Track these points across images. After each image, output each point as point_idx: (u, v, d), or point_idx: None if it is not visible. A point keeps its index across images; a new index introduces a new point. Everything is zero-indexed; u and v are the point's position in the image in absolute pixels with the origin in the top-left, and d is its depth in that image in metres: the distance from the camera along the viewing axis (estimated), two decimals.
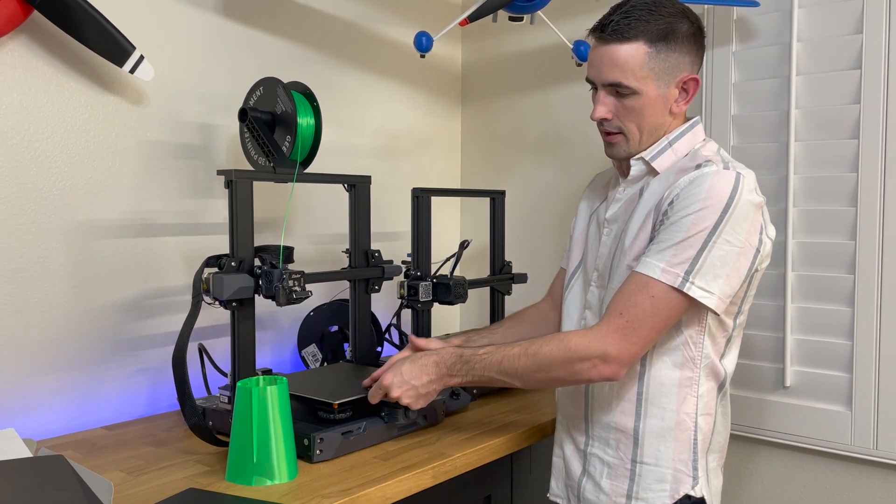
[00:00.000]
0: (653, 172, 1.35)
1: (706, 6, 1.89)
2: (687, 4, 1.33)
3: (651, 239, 1.26)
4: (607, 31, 1.28)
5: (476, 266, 2.31)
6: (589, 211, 1.50)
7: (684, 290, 1.20)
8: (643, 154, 1.34)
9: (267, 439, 1.23)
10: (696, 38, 1.32)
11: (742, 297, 1.32)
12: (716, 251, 1.20)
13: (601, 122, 1.34)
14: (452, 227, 2.43)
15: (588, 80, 1.35)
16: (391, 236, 2.13)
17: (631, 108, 1.30)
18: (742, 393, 1.88)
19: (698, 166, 1.27)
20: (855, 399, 1.72)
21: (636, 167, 1.36)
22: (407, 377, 1.32)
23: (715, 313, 1.25)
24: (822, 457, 1.79)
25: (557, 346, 1.24)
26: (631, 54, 1.27)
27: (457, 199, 2.45)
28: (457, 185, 2.44)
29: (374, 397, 1.37)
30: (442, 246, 2.04)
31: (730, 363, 1.37)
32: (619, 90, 1.29)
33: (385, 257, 1.72)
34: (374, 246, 1.69)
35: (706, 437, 1.32)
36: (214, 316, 1.72)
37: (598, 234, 1.42)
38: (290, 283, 1.40)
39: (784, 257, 1.80)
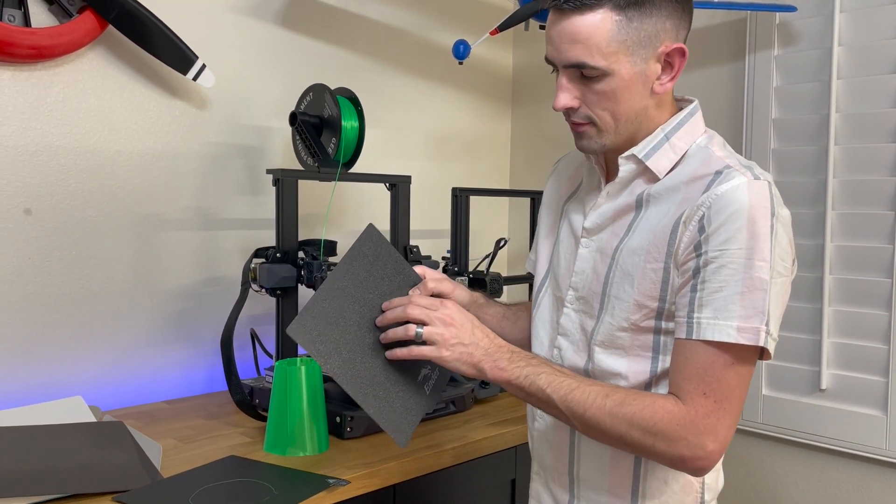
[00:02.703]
0: (647, 174, 1.08)
1: (748, 12, 1.91)
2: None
3: (690, 277, 1.00)
4: None
5: (520, 264, 2.39)
6: (556, 205, 1.25)
7: (767, 347, 0.97)
8: (634, 150, 1.07)
9: (300, 414, 1.35)
10: None
11: None
12: (775, 288, 0.98)
13: (566, 112, 1.08)
14: (500, 226, 2.52)
15: (547, 61, 1.07)
16: (438, 234, 2.24)
17: (602, 93, 1.03)
18: (777, 395, 1.89)
19: (718, 173, 1.02)
20: (891, 403, 1.71)
21: (625, 167, 1.09)
22: (458, 327, 1.04)
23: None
24: (856, 460, 1.78)
25: (644, 409, 0.98)
26: (595, 26, 1.00)
27: (505, 200, 2.53)
28: (505, 186, 2.52)
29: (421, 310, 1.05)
30: (488, 244, 2.13)
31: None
32: (584, 72, 1.02)
33: (431, 254, 1.82)
34: (421, 243, 1.80)
35: (713, 492, 1.12)
36: (268, 304, 1.86)
37: (573, 243, 1.16)
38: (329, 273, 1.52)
39: (822, 260, 1.80)
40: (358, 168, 1.74)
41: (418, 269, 1.18)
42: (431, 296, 1.15)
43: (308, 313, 1.03)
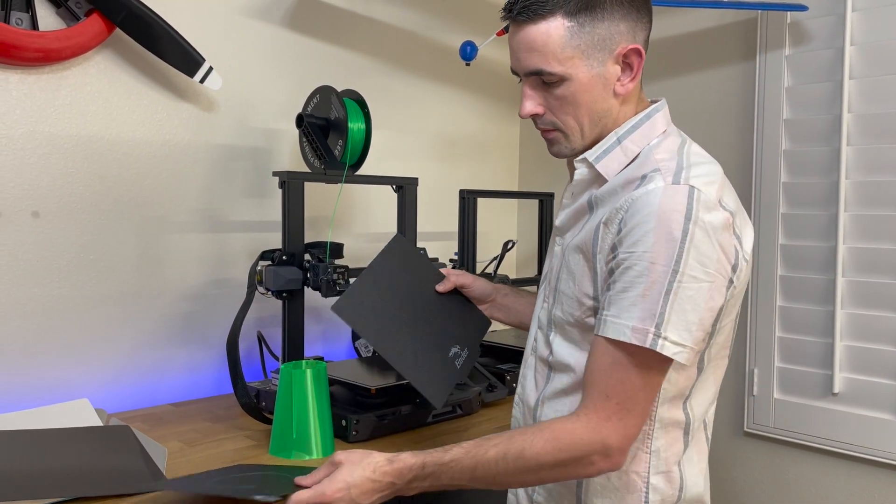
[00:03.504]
0: (601, 178, 1.11)
1: (759, 11, 1.89)
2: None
3: (607, 276, 1.05)
4: (515, 9, 1.06)
5: (528, 266, 2.37)
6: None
7: (657, 350, 0.97)
8: (587, 154, 1.11)
9: (305, 417, 1.34)
10: None
11: (714, 330, 1.07)
12: (682, 293, 0.98)
13: (533, 119, 1.13)
14: (508, 228, 2.51)
15: (513, 72, 1.13)
16: (445, 236, 2.23)
17: (562, 98, 1.07)
18: (789, 398, 1.87)
19: (644, 177, 1.04)
20: None
21: (579, 170, 1.13)
22: (354, 493, 1.02)
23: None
24: (869, 465, 1.76)
25: (545, 445, 1.00)
26: (548, 34, 1.04)
27: (514, 202, 2.52)
28: (514, 188, 2.51)
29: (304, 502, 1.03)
30: (496, 246, 2.12)
31: (700, 402, 1.13)
32: (543, 78, 1.07)
33: (440, 256, 1.81)
34: (428, 245, 1.79)
35: (667, 499, 1.10)
36: (275, 306, 1.86)
37: (554, 241, 1.23)
38: (335, 276, 1.52)
39: (834, 263, 1.78)
40: (365, 170, 1.73)
41: (443, 270, 1.39)
42: (455, 289, 1.39)
43: (349, 295, 1.24)
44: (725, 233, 1.02)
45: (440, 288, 1.38)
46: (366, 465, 1.04)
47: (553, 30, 1.04)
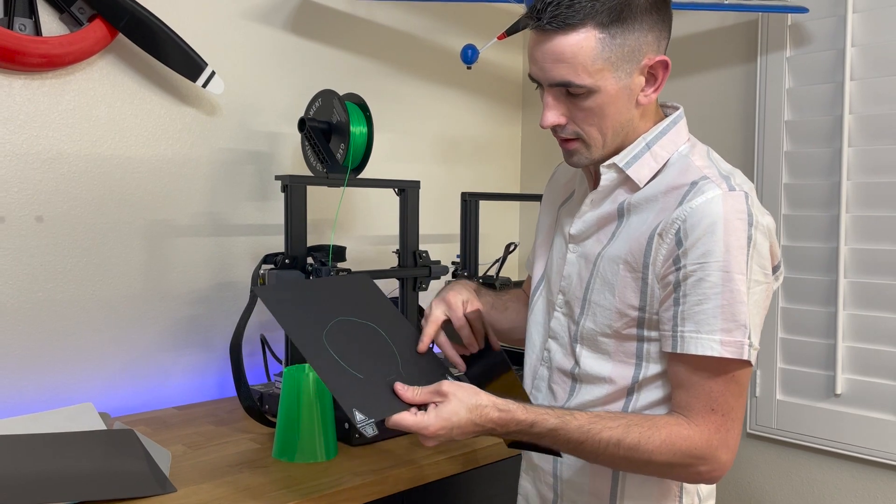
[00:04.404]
0: (629, 183, 1.09)
1: (759, 13, 1.89)
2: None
3: (669, 290, 1.02)
4: (545, 19, 1.01)
5: None
6: (553, 209, 1.28)
7: (750, 359, 0.99)
8: (615, 160, 1.09)
9: (308, 421, 1.35)
10: (656, 8, 1.04)
11: None
12: (753, 297, 1.00)
13: (554, 129, 1.09)
14: (510, 230, 2.51)
15: (532, 78, 1.08)
16: (447, 238, 2.23)
17: (589, 110, 1.04)
18: (792, 400, 1.87)
19: (693, 184, 1.03)
20: None
21: (607, 176, 1.10)
22: (455, 433, 0.99)
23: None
24: (872, 466, 1.76)
25: (661, 445, 0.99)
26: (579, 45, 1.00)
27: (516, 204, 2.52)
28: (516, 190, 2.52)
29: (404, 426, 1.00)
30: (498, 249, 2.12)
31: None
32: (570, 90, 1.03)
33: (441, 259, 1.81)
34: (430, 248, 1.79)
35: (692, 496, 1.12)
36: None
37: (564, 249, 1.18)
38: None
39: (836, 264, 1.79)
40: (367, 173, 1.74)
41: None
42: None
43: (283, 284, 1.11)
44: (773, 235, 1.04)
45: (421, 349, 1.16)
46: (472, 408, 0.99)
47: (584, 41, 1.00)
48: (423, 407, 1.01)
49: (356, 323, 1.13)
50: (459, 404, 0.99)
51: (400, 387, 1.03)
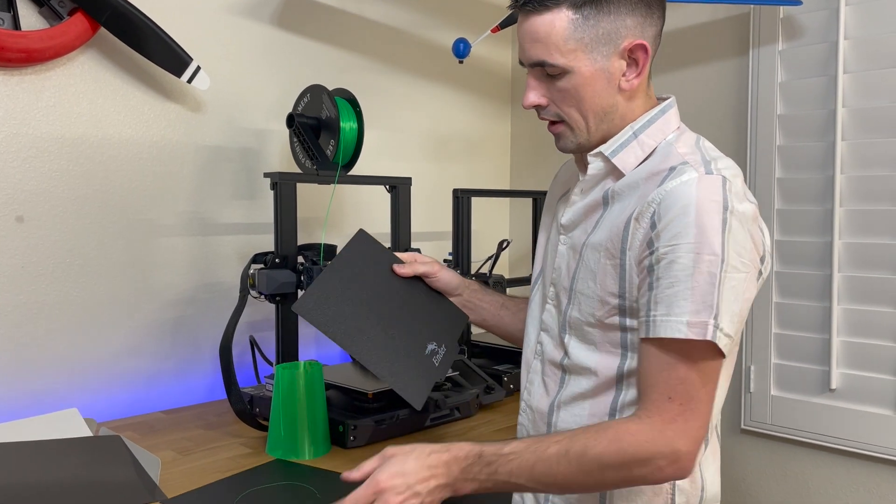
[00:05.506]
0: (616, 172, 1.10)
1: (751, 6, 1.88)
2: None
3: (644, 274, 1.01)
4: (522, 0, 1.06)
5: (522, 265, 2.35)
6: (552, 205, 1.29)
7: (716, 341, 0.95)
8: (601, 148, 1.10)
9: (300, 418, 1.32)
10: None
11: None
12: (727, 283, 0.96)
13: (537, 111, 1.12)
14: (502, 227, 2.48)
15: (520, 63, 1.12)
16: (439, 236, 2.20)
17: (565, 91, 1.06)
18: (786, 395, 1.86)
19: (672, 169, 1.03)
20: None
21: (594, 165, 1.11)
22: (411, 480, 0.97)
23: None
24: (867, 461, 1.76)
25: (608, 445, 0.95)
26: (552, 24, 1.03)
27: (506, 201, 2.50)
28: (506, 187, 2.49)
29: (360, 499, 0.96)
30: (490, 246, 2.10)
31: (719, 398, 1.09)
32: (546, 70, 1.06)
33: (435, 256, 1.77)
34: (423, 245, 1.76)
35: (691, 500, 1.09)
36: (268, 310, 1.83)
37: (556, 240, 1.19)
38: None
39: (830, 258, 1.78)
40: (357, 170, 1.71)
41: (406, 255, 1.31)
42: (420, 274, 1.30)
43: (311, 293, 1.16)
44: (754, 224, 1.02)
45: (399, 270, 1.28)
46: (419, 454, 0.99)
47: (557, 21, 1.03)
48: None
49: (380, 296, 1.24)
50: (404, 456, 0.99)
51: (347, 474, 1.01)
